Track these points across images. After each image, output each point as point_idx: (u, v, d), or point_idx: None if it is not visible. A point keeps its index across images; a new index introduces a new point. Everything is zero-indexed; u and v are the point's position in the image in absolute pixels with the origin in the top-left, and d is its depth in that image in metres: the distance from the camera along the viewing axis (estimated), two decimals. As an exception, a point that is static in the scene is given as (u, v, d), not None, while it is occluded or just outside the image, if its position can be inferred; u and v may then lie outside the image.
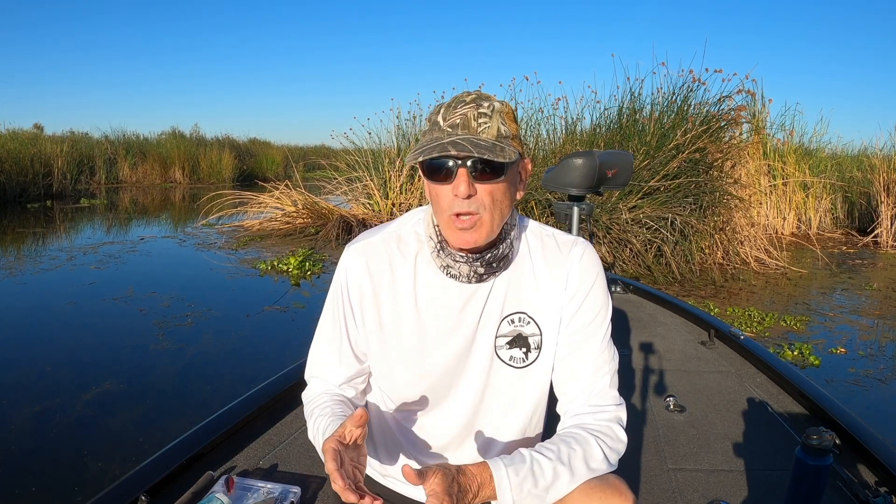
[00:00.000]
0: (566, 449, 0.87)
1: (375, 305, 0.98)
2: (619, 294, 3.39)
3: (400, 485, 1.08)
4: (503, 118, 0.86)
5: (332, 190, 8.95)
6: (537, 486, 0.82)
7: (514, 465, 0.82)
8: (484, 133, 0.84)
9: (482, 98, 0.86)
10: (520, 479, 0.81)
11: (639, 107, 7.08)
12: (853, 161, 10.33)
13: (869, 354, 3.88)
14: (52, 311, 4.43)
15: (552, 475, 0.83)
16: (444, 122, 0.85)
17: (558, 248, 0.98)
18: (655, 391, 2.20)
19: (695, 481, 1.61)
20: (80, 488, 2.17)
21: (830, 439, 1.23)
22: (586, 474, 0.86)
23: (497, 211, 0.88)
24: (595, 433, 0.91)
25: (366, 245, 1.00)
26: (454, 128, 0.84)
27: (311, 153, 20.43)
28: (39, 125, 16.25)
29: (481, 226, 0.87)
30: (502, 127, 0.85)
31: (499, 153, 0.82)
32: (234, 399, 1.77)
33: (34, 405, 2.81)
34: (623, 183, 2.66)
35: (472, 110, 0.84)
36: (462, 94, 0.88)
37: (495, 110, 0.85)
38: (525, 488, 0.81)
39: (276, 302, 4.75)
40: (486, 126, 0.84)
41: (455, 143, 0.82)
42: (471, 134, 0.83)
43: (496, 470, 0.80)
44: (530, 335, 0.97)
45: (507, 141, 0.85)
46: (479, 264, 0.92)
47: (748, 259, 6.58)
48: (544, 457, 0.84)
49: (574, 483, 0.85)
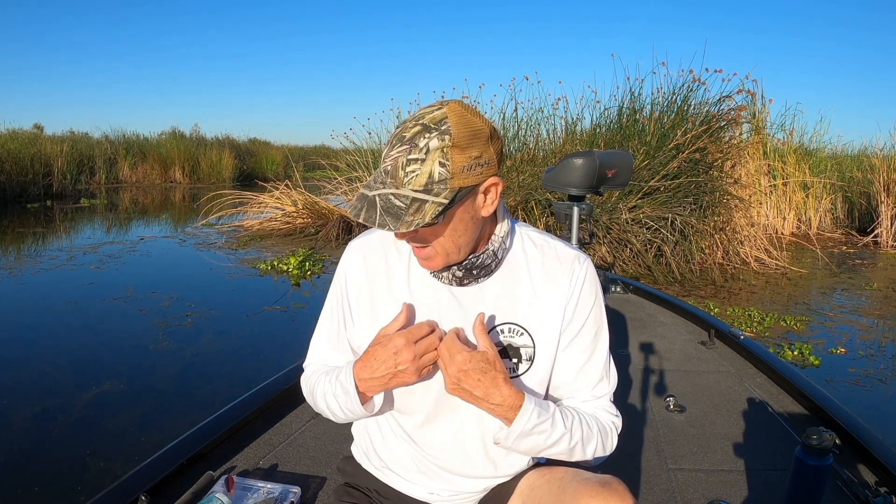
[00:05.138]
0: (579, 426, 0.94)
1: (371, 300, 1.01)
2: (619, 294, 3.39)
3: (399, 480, 1.08)
4: (445, 156, 0.80)
5: (332, 190, 8.95)
6: (546, 438, 0.90)
7: (541, 409, 0.90)
8: (410, 183, 0.81)
9: (422, 134, 0.81)
10: (537, 422, 0.89)
11: (639, 107, 7.07)
12: (853, 161, 10.34)
13: (869, 354, 3.88)
14: (52, 311, 4.43)
15: (558, 438, 0.91)
16: (382, 163, 0.84)
17: (559, 263, 0.98)
18: (655, 391, 2.20)
19: (695, 481, 1.61)
20: (81, 488, 2.17)
21: (830, 439, 1.23)
22: (580, 455, 0.95)
23: (449, 241, 0.88)
24: (600, 427, 0.97)
25: (364, 242, 1.04)
26: (384, 174, 0.83)
27: (311, 153, 20.42)
28: (39, 125, 16.22)
29: (434, 256, 0.89)
30: (438, 170, 0.80)
31: (412, 213, 0.80)
32: (234, 399, 1.78)
33: (34, 405, 2.81)
34: (623, 183, 2.66)
35: (404, 155, 0.81)
36: (410, 120, 0.83)
37: (431, 150, 0.80)
38: (536, 431, 0.89)
39: (276, 302, 4.75)
40: (415, 175, 0.80)
41: (371, 204, 0.82)
42: (395, 186, 0.81)
43: (528, 402, 0.88)
44: (522, 346, 0.96)
45: (442, 185, 0.81)
46: (457, 268, 0.93)
47: (748, 259, 6.58)
48: (563, 419, 0.92)
49: (566, 454, 0.94)
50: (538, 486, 0.97)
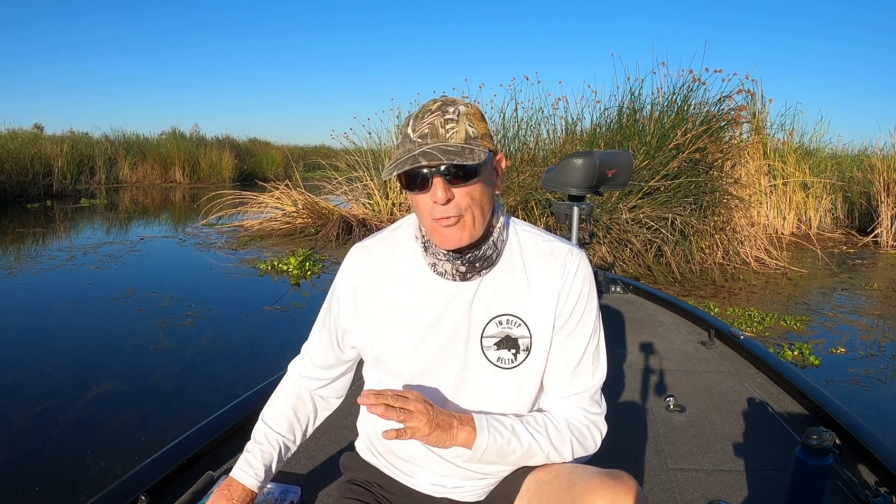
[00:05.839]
0: (544, 433, 0.96)
1: (370, 301, 1.03)
2: (619, 294, 3.39)
3: (404, 475, 1.09)
4: (470, 120, 0.89)
5: (332, 190, 8.96)
6: (509, 447, 0.93)
7: (496, 423, 0.93)
8: (452, 138, 0.87)
9: (447, 104, 0.90)
10: (497, 440, 0.92)
11: (639, 107, 7.07)
12: (853, 161, 10.33)
13: (869, 354, 3.88)
14: (53, 311, 4.43)
15: (525, 446, 0.94)
16: (414, 134, 0.89)
17: (553, 256, 1.00)
18: (655, 391, 2.20)
19: (695, 481, 1.61)
20: (81, 488, 2.17)
21: (830, 439, 1.23)
22: (543, 459, 0.96)
23: (478, 209, 0.92)
24: (572, 429, 0.98)
25: (364, 245, 1.07)
26: (424, 138, 0.88)
27: (311, 153, 20.42)
28: (39, 125, 16.24)
29: (464, 225, 0.92)
30: (470, 129, 0.89)
31: (468, 156, 0.86)
32: (234, 399, 1.78)
33: (35, 405, 2.81)
34: (623, 183, 2.66)
35: (439, 118, 0.88)
36: (429, 102, 0.91)
37: (461, 114, 0.89)
38: (498, 444, 0.92)
39: (276, 302, 4.75)
40: (454, 131, 0.88)
41: (425, 153, 0.86)
42: (440, 141, 0.87)
43: (478, 419, 0.92)
44: (519, 337, 0.99)
45: (477, 142, 0.89)
46: (461, 262, 0.96)
47: (748, 259, 6.58)
48: (526, 431, 0.94)
49: (542, 459, 0.96)
50: (546, 482, 0.98)
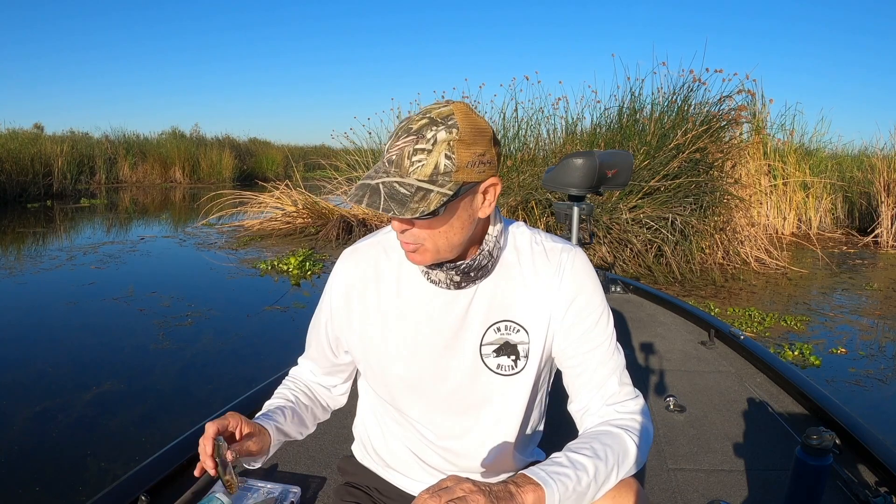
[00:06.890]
0: (602, 447, 0.84)
1: (361, 307, 1.00)
2: (619, 294, 3.39)
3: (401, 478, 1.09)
4: (450, 149, 0.80)
5: (332, 190, 8.95)
6: (579, 482, 0.79)
7: (551, 467, 0.79)
8: (415, 173, 0.80)
9: (429, 126, 0.81)
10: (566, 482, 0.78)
11: (639, 107, 7.07)
12: (853, 161, 10.33)
13: (869, 354, 3.88)
14: (53, 310, 4.43)
15: (593, 474, 0.81)
16: (386, 153, 0.83)
17: (546, 256, 0.96)
18: (655, 391, 2.20)
19: (695, 481, 1.61)
20: (81, 488, 2.17)
21: (830, 439, 1.23)
22: (619, 473, 0.84)
23: (441, 239, 0.86)
24: (624, 428, 0.89)
25: (355, 249, 1.04)
26: (390, 163, 0.82)
27: (311, 153, 20.40)
28: (39, 125, 16.28)
29: (424, 251, 0.87)
30: (444, 162, 0.80)
31: (416, 202, 0.79)
32: (234, 399, 1.78)
33: (35, 405, 2.81)
34: (623, 183, 2.66)
35: (410, 145, 0.80)
36: (416, 115, 0.83)
37: (438, 142, 0.80)
38: (569, 485, 0.78)
39: (276, 302, 4.75)
40: (420, 165, 0.80)
41: (375, 189, 0.81)
42: (400, 175, 0.81)
43: (530, 472, 0.77)
44: (519, 343, 0.96)
45: (446, 178, 0.80)
46: (455, 272, 0.92)
47: (748, 259, 6.58)
48: (583, 456, 0.82)
49: (606, 483, 0.83)
50: None
